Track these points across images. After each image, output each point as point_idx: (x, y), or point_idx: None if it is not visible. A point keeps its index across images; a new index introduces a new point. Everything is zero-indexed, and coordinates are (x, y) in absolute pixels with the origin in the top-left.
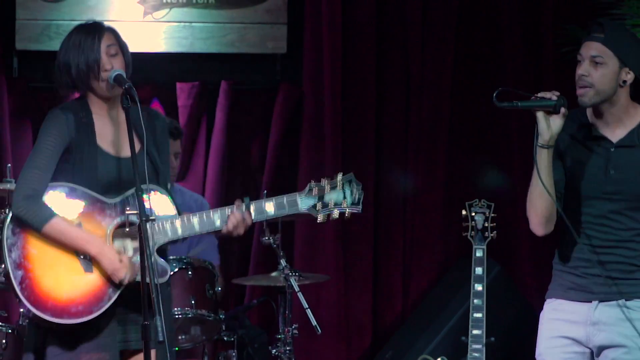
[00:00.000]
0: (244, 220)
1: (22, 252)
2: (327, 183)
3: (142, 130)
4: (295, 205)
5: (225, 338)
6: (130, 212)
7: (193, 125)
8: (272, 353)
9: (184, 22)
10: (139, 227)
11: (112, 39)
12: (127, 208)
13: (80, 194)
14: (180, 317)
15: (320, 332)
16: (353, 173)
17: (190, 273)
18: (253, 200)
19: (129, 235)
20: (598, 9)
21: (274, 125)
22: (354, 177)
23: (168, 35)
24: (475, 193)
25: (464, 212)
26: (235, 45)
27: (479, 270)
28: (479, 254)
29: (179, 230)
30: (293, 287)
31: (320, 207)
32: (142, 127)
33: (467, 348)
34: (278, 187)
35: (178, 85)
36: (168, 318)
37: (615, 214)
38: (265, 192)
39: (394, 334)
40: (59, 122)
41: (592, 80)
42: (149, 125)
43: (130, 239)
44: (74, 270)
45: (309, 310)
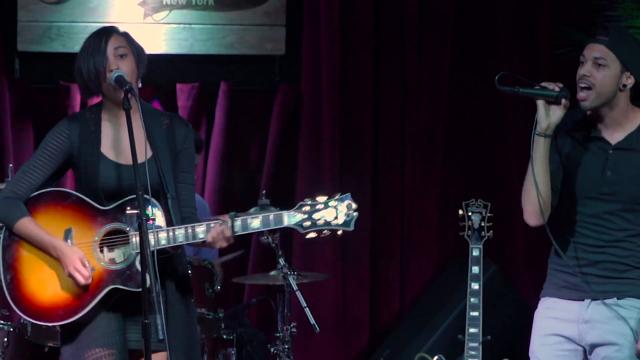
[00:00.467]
0: (224, 234)
1: (14, 254)
2: (320, 201)
3: (157, 136)
4: (281, 222)
5: (225, 336)
6: (131, 211)
7: (193, 126)
8: (271, 351)
9: (184, 24)
10: (139, 226)
11: (121, 41)
12: (127, 208)
13: (75, 200)
14: None
15: (319, 330)
16: (350, 193)
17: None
18: (240, 214)
19: (119, 243)
20: (593, 11)
21: (273, 125)
22: (351, 197)
23: (168, 37)
24: (472, 193)
25: (461, 211)
26: (235, 47)
27: (476, 269)
28: (476, 253)
29: (163, 241)
30: (292, 286)
31: (309, 224)
32: (157, 133)
33: (463, 346)
34: (277, 186)
35: (178, 86)
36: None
37: (610, 215)
38: (264, 192)
39: (392, 332)
40: (61, 131)
41: (593, 81)
42: (169, 132)
43: (119, 246)
44: (59, 273)
45: (308, 309)
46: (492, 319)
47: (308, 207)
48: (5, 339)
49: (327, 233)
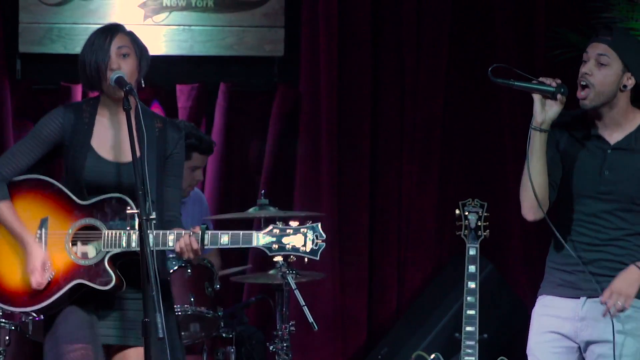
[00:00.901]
0: (192, 246)
1: None
2: (290, 227)
3: (148, 139)
4: (250, 242)
5: (224, 335)
6: (131, 211)
7: None
8: (269, 349)
9: (184, 25)
10: (140, 226)
11: (125, 41)
12: (127, 207)
13: (55, 190)
14: (180, 314)
15: (317, 328)
16: (320, 223)
17: (190, 271)
18: (210, 230)
19: (92, 238)
20: (589, 13)
21: (272, 126)
22: (319, 227)
23: (168, 38)
24: (469, 193)
25: (458, 211)
26: (234, 48)
27: (472, 268)
28: (472, 252)
29: (134, 244)
30: (290, 284)
31: (277, 247)
32: (149, 136)
33: (460, 344)
34: (275, 187)
35: (178, 87)
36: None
37: (607, 214)
38: (263, 192)
39: (389, 331)
40: (55, 118)
41: (594, 80)
42: (160, 136)
43: (93, 242)
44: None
45: (306, 308)
46: (488, 318)
47: (278, 230)
48: (7, 337)
49: (293, 259)
